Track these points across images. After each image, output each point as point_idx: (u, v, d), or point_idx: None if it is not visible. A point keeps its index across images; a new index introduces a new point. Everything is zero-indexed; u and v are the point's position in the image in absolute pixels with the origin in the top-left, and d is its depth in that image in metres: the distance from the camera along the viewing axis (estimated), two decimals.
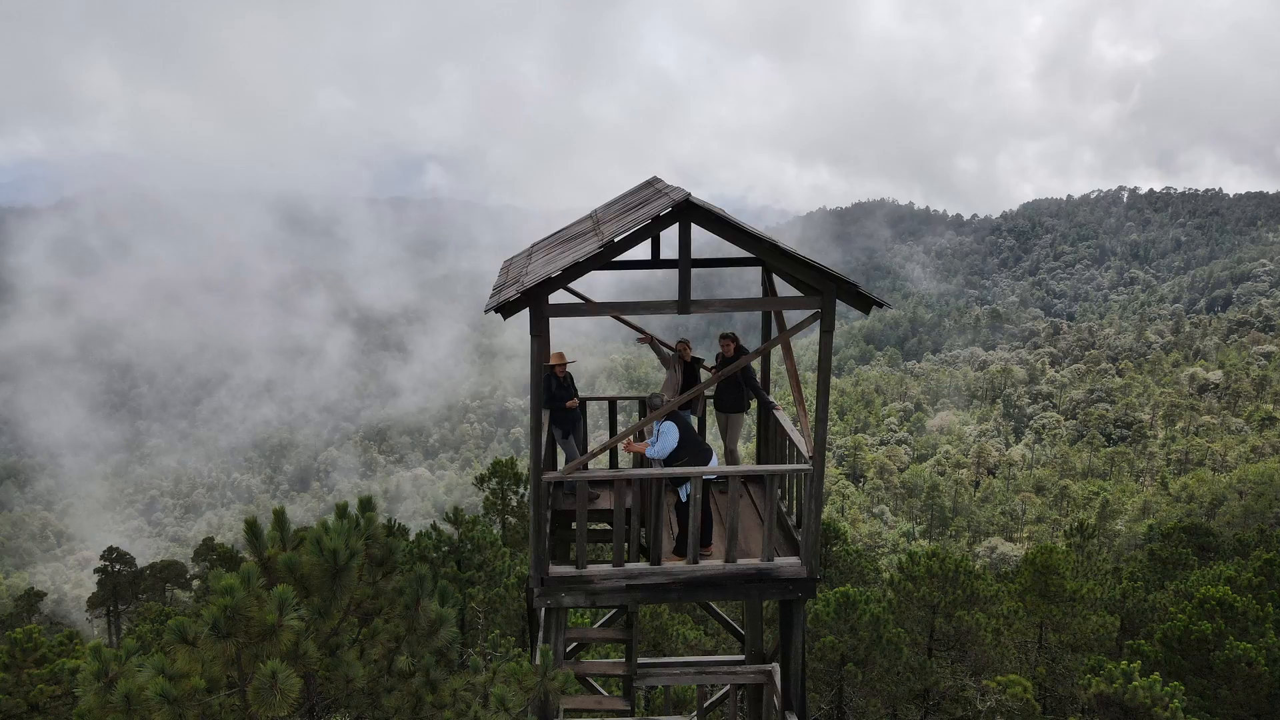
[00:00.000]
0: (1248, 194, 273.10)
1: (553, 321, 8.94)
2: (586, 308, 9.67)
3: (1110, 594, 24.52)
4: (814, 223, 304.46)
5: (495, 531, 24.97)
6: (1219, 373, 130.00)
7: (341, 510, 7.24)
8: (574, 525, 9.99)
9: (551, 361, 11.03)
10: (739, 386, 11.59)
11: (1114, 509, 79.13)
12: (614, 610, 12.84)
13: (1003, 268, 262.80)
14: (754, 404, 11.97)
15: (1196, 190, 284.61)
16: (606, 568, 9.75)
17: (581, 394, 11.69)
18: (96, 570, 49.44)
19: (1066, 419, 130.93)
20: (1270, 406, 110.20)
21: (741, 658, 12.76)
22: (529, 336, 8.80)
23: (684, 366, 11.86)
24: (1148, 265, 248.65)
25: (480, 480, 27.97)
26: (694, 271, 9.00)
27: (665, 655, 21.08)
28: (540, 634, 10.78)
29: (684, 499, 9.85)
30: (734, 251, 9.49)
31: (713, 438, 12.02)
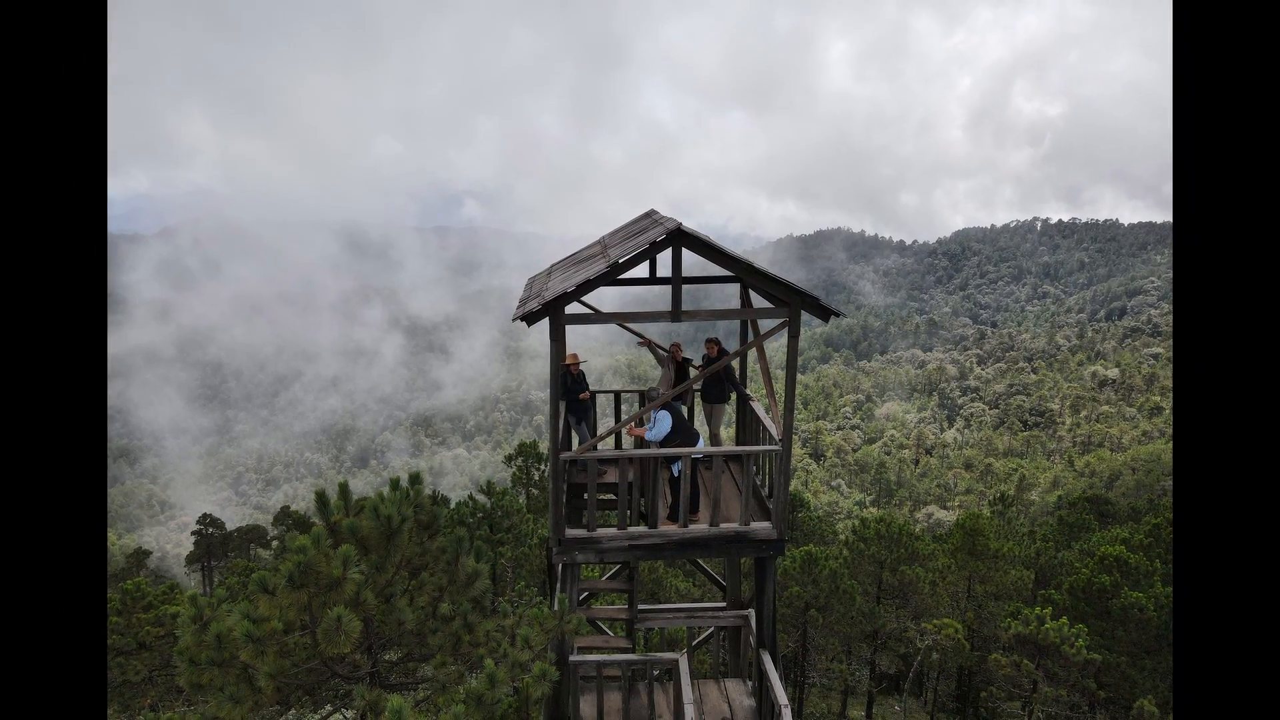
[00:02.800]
0: (1140, 224, 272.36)
1: (568, 328, 8.92)
2: (596, 317, 9.65)
3: (1026, 552, 24.50)
4: (783, 247, 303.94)
5: (521, 501, 24.90)
6: (1116, 370, 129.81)
7: (394, 483, 7.25)
8: (585, 496, 9.99)
9: (567, 361, 11.01)
10: (721, 382, 11.58)
11: (1030, 482, 78.97)
12: (618, 566, 12.83)
13: (938, 284, 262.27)
14: (734, 396, 11.95)
15: (1098, 220, 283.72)
16: (612, 531, 9.74)
17: (591, 388, 11.67)
18: (193, 533, 49.41)
19: (990, 408, 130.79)
20: (1158, 398, 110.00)
21: (723, 605, 12.73)
22: (549, 341, 8.79)
23: (676, 365, 11.84)
24: (1057, 282, 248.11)
25: (509, 459, 27.83)
26: (684, 287, 8.97)
27: (661, 603, 21.03)
28: (558, 585, 10.77)
29: (676, 474, 9.84)
30: (717, 271, 9.47)
31: (700, 424, 12.00)
